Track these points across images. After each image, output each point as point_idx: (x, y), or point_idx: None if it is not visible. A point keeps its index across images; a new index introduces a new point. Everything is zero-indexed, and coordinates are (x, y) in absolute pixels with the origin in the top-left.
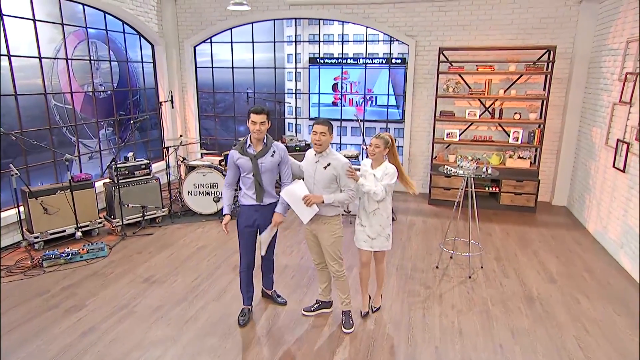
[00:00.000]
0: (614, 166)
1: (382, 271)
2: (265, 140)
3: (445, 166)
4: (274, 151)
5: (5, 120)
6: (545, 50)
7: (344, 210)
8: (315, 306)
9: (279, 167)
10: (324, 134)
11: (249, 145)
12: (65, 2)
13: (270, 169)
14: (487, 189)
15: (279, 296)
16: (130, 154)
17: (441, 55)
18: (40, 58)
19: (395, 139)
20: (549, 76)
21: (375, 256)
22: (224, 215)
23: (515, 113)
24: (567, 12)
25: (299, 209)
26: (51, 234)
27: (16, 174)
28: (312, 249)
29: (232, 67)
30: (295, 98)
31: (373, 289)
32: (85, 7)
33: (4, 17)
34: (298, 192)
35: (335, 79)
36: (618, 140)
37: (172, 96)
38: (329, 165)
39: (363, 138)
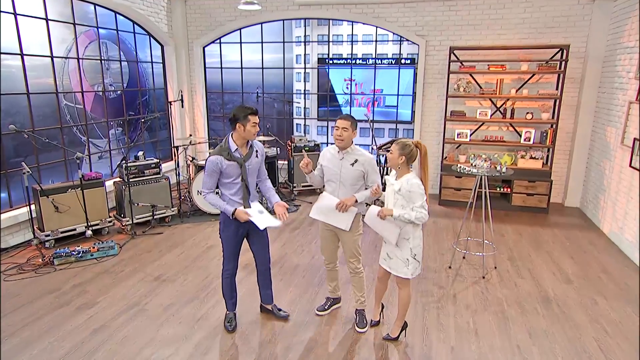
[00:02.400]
0: (630, 166)
1: (404, 299)
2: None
3: (459, 165)
4: (256, 150)
5: (17, 118)
6: (558, 49)
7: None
8: (327, 304)
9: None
10: (346, 129)
11: (236, 149)
12: (77, 2)
13: (255, 170)
14: (498, 189)
15: (280, 310)
16: (140, 153)
17: (452, 54)
18: (52, 57)
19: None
20: (561, 75)
21: (396, 279)
22: (235, 211)
23: (527, 113)
24: (580, 10)
25: (335, 219)
26: (62, 232)
27: (28, 172)
28: (326, 249)
29: (241, 68)
30: (304, 98)
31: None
32: (96, 7)
33: (18, 16)
34: (328, 203)
35: (345, 80)
36: (635, 139)
37: (181, 96)
38: (356, 162)
39: (372, 138)
